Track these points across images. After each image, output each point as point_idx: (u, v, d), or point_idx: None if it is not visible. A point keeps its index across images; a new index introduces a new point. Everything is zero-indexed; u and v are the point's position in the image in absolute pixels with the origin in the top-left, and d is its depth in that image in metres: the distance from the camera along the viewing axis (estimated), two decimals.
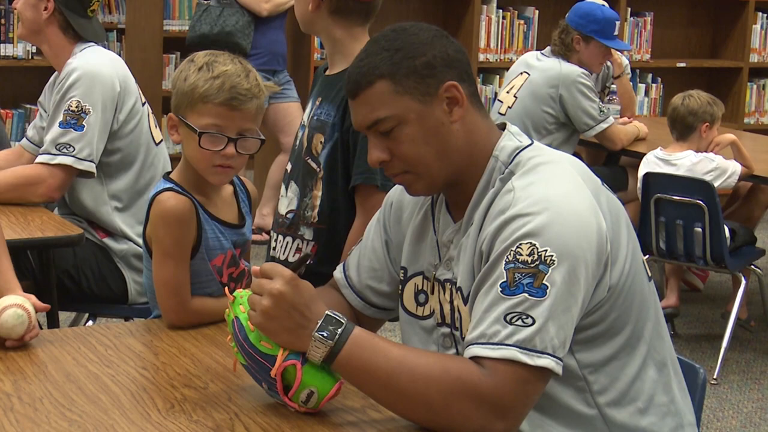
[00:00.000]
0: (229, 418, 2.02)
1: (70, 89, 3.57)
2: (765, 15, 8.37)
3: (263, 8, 6.39)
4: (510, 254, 1.93)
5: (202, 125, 2.44)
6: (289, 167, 3.03)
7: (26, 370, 2.23)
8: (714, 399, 4.69)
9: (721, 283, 6.02)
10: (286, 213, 2.98)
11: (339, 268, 2.39)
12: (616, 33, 5.65)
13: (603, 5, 5.75)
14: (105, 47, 3.81)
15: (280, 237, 2.99)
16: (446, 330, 2.14)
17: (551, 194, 1.97)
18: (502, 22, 7.40)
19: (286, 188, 3.01)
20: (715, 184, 4.92)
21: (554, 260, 1.92)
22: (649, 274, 2.14)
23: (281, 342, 1.96)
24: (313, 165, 2.92)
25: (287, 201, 2.99)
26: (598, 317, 2.02)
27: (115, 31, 7.59)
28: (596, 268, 1.97)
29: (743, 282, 5.08)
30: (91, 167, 3.58)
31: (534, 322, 1.90)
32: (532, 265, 1.92)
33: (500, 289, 1.93)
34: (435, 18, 7.36)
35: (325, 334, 1.93)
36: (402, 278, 2.25)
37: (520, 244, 1.93)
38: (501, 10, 7.40)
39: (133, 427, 1.98)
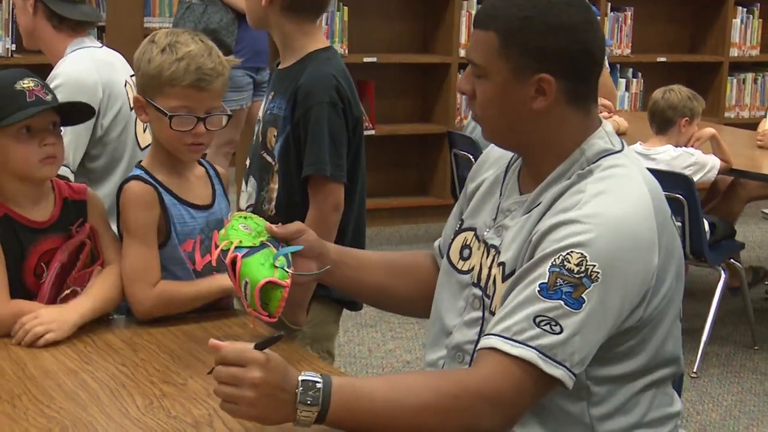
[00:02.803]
0: (207, 413, 2.02)
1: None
2: (745, 9, 8.40)
3: None
4: (558, 258, 1.91)
5: (171, 107, 2.48)
6: (248, 162, 3.07)
7: (4, 366, 2.22)
8: (694, 392, 4.71)
9: (702, 277, 6.04)
10: (246, 207, 3.01)
11: (439, 239, 2.39)
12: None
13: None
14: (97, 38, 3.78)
15: None
16: (478, 292, 2.12)
17: (617, 212, 1.94)
18: None
19: (246, 183, 3.04)
20: (695, 179, 4.94)
21: (599, 277, 1.90)
22: (682, 316, 2.12)
23: (273, 422, 1.89)
24: (269, 159, 2.95)
25: (246, 196, 3.02)
26: (620, 340, 2.00)
27: (95, 28, 7.55)
28: (635, 297, 1.95)
29: (723, 275, 5.10)
30: (67, 172, 3.57)
31: (561, 331, 1.89)
32: (577, 276, 1.90)
33: (539, 288, 1.91)
34: (416, 13, 7.36)
35: (309, 401, 1.86)
36: (457, 228, 2.24)
37: (572, 252, 1.91)
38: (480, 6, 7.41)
39: (112, 424, 1.98)
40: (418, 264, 2.39)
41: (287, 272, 2.12)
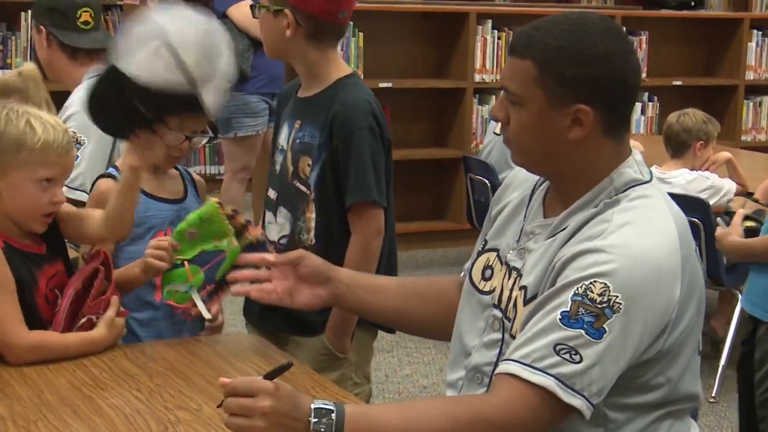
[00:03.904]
0: None
1: (67, 120, 3.57)
2: (760, 33, 8.39)
3: None
4: (581, 287, 1.91)
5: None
6: (272, 194, 3.02)
7: (21, 393, 2.22)
8: (712, 417, 4.69)
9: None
10: (279, 239, 2.97)
11: (469, 261, 2.37)
12: None
13: None
14: None
15: None
16: (498, 314, 2.12)
17: (642, 243, 1.94)
18: (498, 43, 7.42)
19: (274, 214, 3.00)
20: (711, 203, 4.93)
21: (621, 308, 1.89)
22: (701, 349, 2.11)
23: None
24: (303, 188, 2.92)
25: (278, 227, 2.98)
26: (639, 372, 1.99)
27: None
28: (655, 329, 1.94)
29: (740, 297, 5.08)
30: (83, 196, 3.58)
31: (581, 360, 1.88)
32: (599, 306, 1.89)
33: (560, 316, 1.90)
34: (431, 38, 7.37)
35: (323, 429, 1.85)
36: (480, 249, 2.24)
37: (595, 281, 1.90)
38: (496, 31, 7.42)
39: None
40: (441, 289, 2.39)
41: (189, 295, 2.56)
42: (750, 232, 3.72)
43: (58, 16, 3.65)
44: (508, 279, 2.11)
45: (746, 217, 3.86)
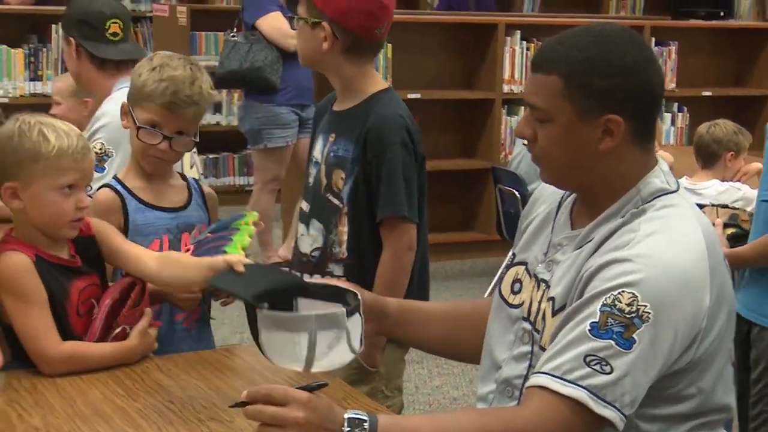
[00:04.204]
0: None
1: (96, 132, 3.58)
2: None
3: (290, 43, 6.38)
4: (609, 297, 1.90)
5: (143, 120, 2.72)
6: (305, 206, 3.02)
7: (54, 404, 2.23)
8: None
9: None
10: (311, 252, 2.98)
11: None
12: None
13: None
14: None
15: (307, 276, 2.95)
16: (528, 326, 2.12)
17: (669, 252, 1.93)
18: (526, 54, 7.41)
19: (307, 227, 3.00)
20: None
21: (650, 317, 1.88)
22: (732, 360, 2.11)
23: None
24: (336, 201, 2.93)
25: (310, 240, 2.99)
26: (670, 383, 1.98)
27: None
28: (685, 338, 1.94)
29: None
30: None
31: (612, 371, 1.88)
32: (628, 316, 1.89)
33: (589, 328, 1.90)
34: (459, 49, 7.37)
35: None
36: (509, 262, 2.24)
37: (623, 291, 1.90)
38: (525, 42, 7.42)
39: None
40: (482, 312, 2.34)
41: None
42: (734, 239, 3.74)
43: (87, 27, 3.66)
44: (537, 291, 2.11)
45: (725, 225, 3.89)
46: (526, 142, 2.08)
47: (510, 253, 2.27)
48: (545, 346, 2.01)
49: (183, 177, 2.90)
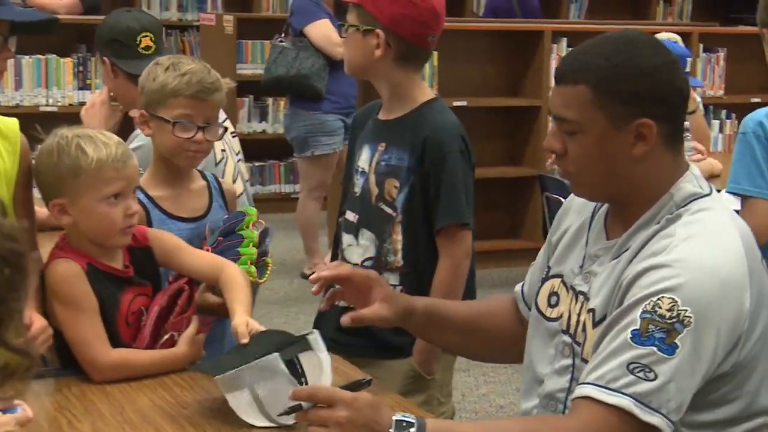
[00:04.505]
0: None
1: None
2: None
3: (338, 51, 6.39)
4: (649, 304, 1.90)
5: (174, 116, 2.73)
6: (352, 216, 3.00)
7: (104, 411, 2.23)
8: None
9: None
10: (362, 261, 2.96)
11: (519, 284, 2.41)
12: (687, 69, 5.60)
13: (674, 42, 5.70)
14: None
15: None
16: (568, 339, 2.12)
17: (707, 256, 1.93)
18: None
19: (356, 237, 2.98)
20: None
21: (691, 322, 1.88)
22: None
23: None
24: (388, 210, 2.92)
25: (361, 250, 2.97)
26: (714, 387, 1.97)
27: None
28: (728, 341, 1.93)
29: None
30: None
31: (656, 378, 1.88)
32: (669, 321, 1.88)
33: (630, 335, 1.90)
34: (505, 56, 7.35)
35: None
36: (543, 276, 2.24)
37: (662, 297, 1.89)
38: (571, 49, 7.38)
39: None
40: (503, 324, 2.40)
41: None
42: None
43: (118, 46, 3.62)
44: (575, 303, 2.11)
45: None
46: (552, 157, 2.09)
47: (542, 265, 2.28)
48: (587, 358, 2.02)
49: (203, 176, 2.91)
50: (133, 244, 2.53)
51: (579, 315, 2.09)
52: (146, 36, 3.64)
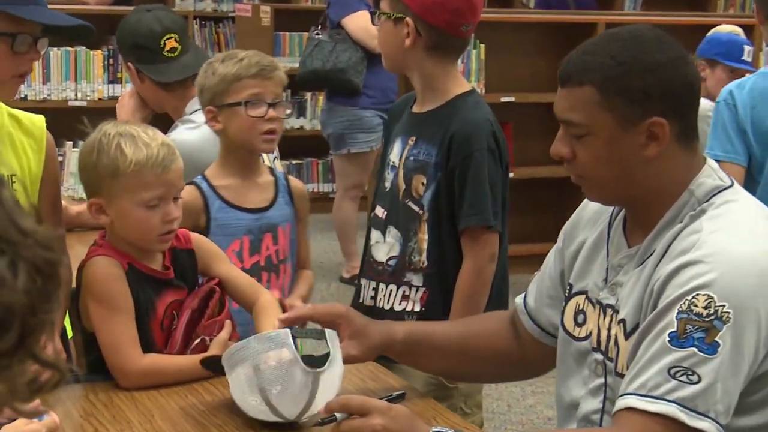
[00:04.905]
0: None
1: None
2: None
3: (376, 44, 6.17)
4: (685, 303, 1.85)
5: (243, 97, 2.81)
6: (380, 212, 2.96)
7: (132, 419, 2.20)
8: None
9: None
10: (387, 260, 2.92)
11: (521, 295, 2.35)
12: (745, 58, 5.47)
13: (736, 35, 5.62)
14: None
15: (382, 285, 2.93)
16: (599, 357, 2.07)
17: (740, 248, 1.89)
18: None
19: (383, 234, 2.94)
20: None
21: (730, 317, 1.83)
22: None
23: None
24: (415, 208, 2.87)
25: (387, 247, 2.93)
26: (755, 388, 1.91)
27: None
28: None
29: None
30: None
31: (700, 380, 1.82)
32: (707, 319, 1.83)
33: (668, 338, 1.84)
34: (555, 49, 7.12)
35: None
36: (566, 295, 2.18)
37: (697, 295, 1.84)
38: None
39: None
40: (491, 332, 2.37)
41: None
42: None
43: (143, 51, 3.48)
44: (604, 318, 2.07)
45: None
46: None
47: (552, 278, 2.25)
48: (622, 372, 1.97)
49: (272, 172, 2.93)
50: (176, 245, 2.48)
51: (609, 329, 2.04)
52: (170, 38, 3.50)
